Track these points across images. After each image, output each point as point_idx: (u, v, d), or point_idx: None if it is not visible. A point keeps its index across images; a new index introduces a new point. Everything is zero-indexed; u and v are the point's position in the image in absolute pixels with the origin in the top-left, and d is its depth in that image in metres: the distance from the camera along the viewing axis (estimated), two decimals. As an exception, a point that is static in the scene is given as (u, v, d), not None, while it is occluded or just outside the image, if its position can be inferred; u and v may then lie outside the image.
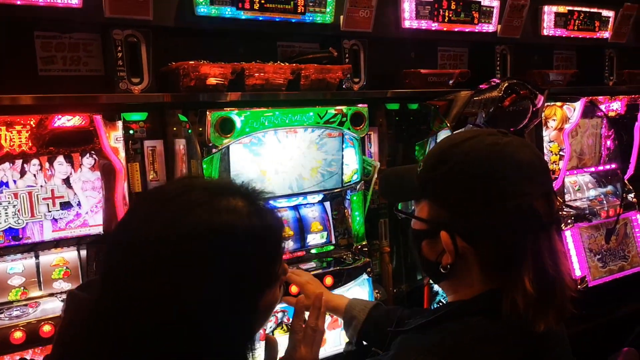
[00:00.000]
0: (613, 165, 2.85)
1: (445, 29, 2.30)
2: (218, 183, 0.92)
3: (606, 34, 2.87)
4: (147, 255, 0.75)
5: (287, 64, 1.85)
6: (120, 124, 1.58)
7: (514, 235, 0.91)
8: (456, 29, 2.33)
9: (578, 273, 2.49)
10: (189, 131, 1.68)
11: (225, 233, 0.77)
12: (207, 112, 1.63)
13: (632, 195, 2.79)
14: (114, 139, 1.56)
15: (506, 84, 2.05)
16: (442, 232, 0.94)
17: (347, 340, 1.46)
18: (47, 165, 1.53)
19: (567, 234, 2.49)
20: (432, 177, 0.97)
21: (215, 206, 0.79)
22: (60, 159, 1.54)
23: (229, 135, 1.67)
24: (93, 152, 1.56)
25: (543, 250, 0.91)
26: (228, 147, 1.69)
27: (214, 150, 1.67)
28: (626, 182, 2.79)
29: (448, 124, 2.05)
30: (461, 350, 0.90)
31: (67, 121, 1.47)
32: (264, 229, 0.83)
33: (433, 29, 2.27)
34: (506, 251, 0.91)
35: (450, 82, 2.31)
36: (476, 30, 2.39)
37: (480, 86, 2.09)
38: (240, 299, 0.79)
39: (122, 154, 1.58)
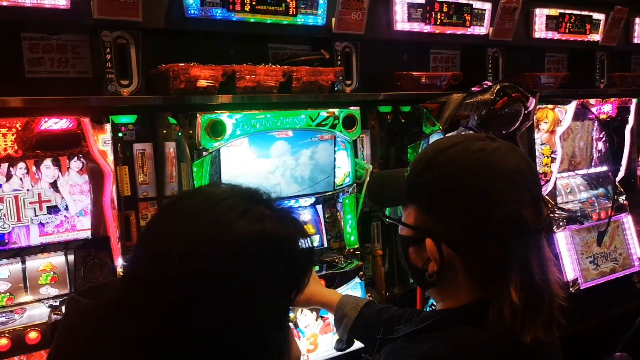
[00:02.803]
0: (604, 168, 2.87)
1: (437, 31, 2.30)
2: (249, 190, 0.88)
3: (597, 37, 2.88)
4: (188, 275, 0.71)
5: (279, 66, 1.83)
6: (108, 126, 1.56)
7: (501, 244, 0.89)
8: (448, 32, 2.33)
9: (570, 276, 2.49)
10: (179, 134, 1.66)
11: (265, 240, 0.75)
12: (198, 115, 1.61)
13: (623, 197, 2.80)
14: (102, 142, 1.53)
15: (498, 87, 2.04)
16: (427, 240, 0.92)
17: (338, 337, 1.44)
18: (33, 168, 1.50)
19: (559, 236, 2.49)
20: (418, 183, 0.95)
21: (252, 215, 0.76)
22: (48, 162, 1.51)
23: (219, 138, 1.65)
24: (81, 155, 1.54)
25: (531, 259, 0.89)
26: (219, 150, 1.68)
27: (204, 154, 1.65)
28: (617, 184, 2.80)
29: (440, 127, 2.04)
30: (450, 359, 0.89)
31: (54, 124, 1.45)
32: (296, 240, 0.80)
33: (425, 31, 2.27)
34: (493, 260, 0.89)
35: (443, 84, 2.31)
36: (468, 33, 2.39)
37: (473, 89, 2.09)
38: (285, 307, 0.79)
39: (111, 157, 1.56)
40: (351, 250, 2.00)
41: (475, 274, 0.92)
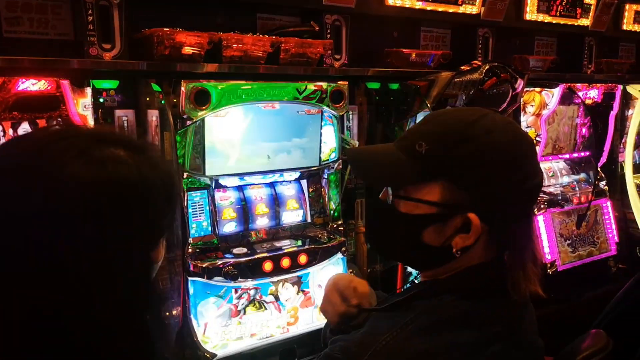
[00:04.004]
0: (587, 153, 2.90)
1: (428, 8, 2.27)
2: (98, 130, 0.83)
3: (587, 22, 2.88)
4: (18, 216, 0.66)
5: (267, 36, 1.79)
6: (89, 90, 1.51)
7: (527, 212, 0.96)
8: (440, 9, 2.30)
9: (548, 257, 2.53)
10: (162, 102, 1.62)
11: (108, 186, 0.70)
12: (182, 83, 1.57)
13: (603, 182, 2.84)
14: (82, 106, 1.49)
15: (487, 67, 2.03)
16: (471, 215, 0.90)
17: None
18: (10, 131, 1.44)
19: (540, 218, 2.53)
20: (452, 157, 0.90)
21: (96, 156, 0.71)
22: (25, 125, 1.46)
23: (204, 108, 1.61)
24: (60, 119, 1.49)
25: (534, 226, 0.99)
26: (203, 120, 1.64)
27: (188, 123, 1.62)
28: (599, 169, 2.84)
29: (428, 105, 2.03)
30: (432, 328, 0.89)
31: (32, 85, 1.40)
32: (154, 181, 0.76)
33: (417, 7, 2.24)
34: (517, 227, 0.95)
35: (432, 63, 2.29)
36: (460, 12, 2.36)
37: (462, 67, 2.07)
38: (128, 257, 0.73)
39: (91, 122, 1.51)
40: (334, 226, 2.00)
41: (494, 243, 0.95)
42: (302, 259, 1.82)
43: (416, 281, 1.10)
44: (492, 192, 0.90)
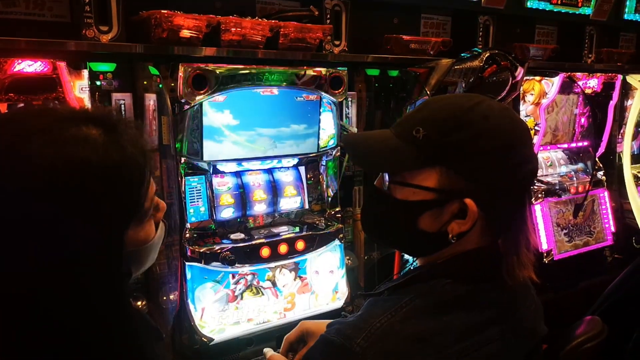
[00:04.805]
0: (585, 143, 2.89)
1: (429, -6, 2.25)
2: (72, 109, 0.81)
3: (588, 11, 2.86)
4: None
5: (266, 20, 1.77)
6: (86, 72, 1.49)
7: (522, 196, 0.95)
8: (440, -5, 2.28)
9: (545, 246, 2.54)
10: (160, 86, 1.61)
11: (69, 168, 0.68)
12: (180, 67, 1.56)
13: (601, 172, 2.84)
14: (79, 88, 1.47)
15: (487, 54, 2.02)
16: (467, 200, 0.90)
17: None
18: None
19: (537, 208, 2.53)
20: (450, 143, 0.91)
21: (61, 135, 0.69)
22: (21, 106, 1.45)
23: (202, 92, 1.60)
24: (57, 101, 1.48)
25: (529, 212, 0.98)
26: (201, 105, 1.63)
27: (185, 107, 1.61)
28: (597, 160, 2.84)
29: (428, 92, 2.02)
30: (427, 310, 0.90)
31: (28, 66, 1.38)
32: (122, 162, 0.74)
33: (417, -7, 2.22)
34: (512, 212, 0.95)
35: (432, 50, 2.27)
36: (461, -2, 2.34)
37: (462, 55, 2.06)
38: (96, 238, 0.72)
39: (88, 105, 1.50)
40: (332, 213, 2.00)
41: (489, 229, 0.95)
42: (300, 245, 1.82)
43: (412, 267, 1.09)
44: (488, 177, 0.91)
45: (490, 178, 0.91)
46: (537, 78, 2.53)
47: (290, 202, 1.97)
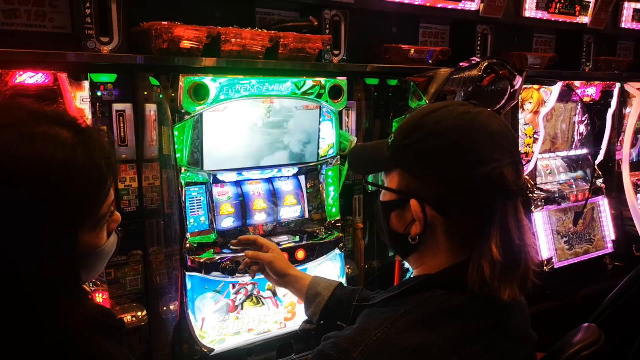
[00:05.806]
0: (584, 151, 2.90)
1: (427, 4, 2.26)
2: (45, 109, 0.84)
3: (585, 19, 2.88)
4: None
5: (266, 30, 1.79)
6: (87, 84, 1.50)
7: (482, 202, 0.91)
8: (439, 5, 2.30)
9: (545, 254, 2.54)
10: (160, 96, 1.61)
11: (34, 162, 0.72)
12: (180, 77, 1.57)
13: (600, 180, 2.84)
14: (80, 99, 1.48)
15: (486, 63, 2.03)
16: (411, 200, 0.93)
17: (307, 318, 1.44)
18: (7, 124, 1.44)
19: (537, 215, 2.53)
20: (404, 146, 0.96)
21: (28, 131, 0.73)
22: (22, 118, 1.45)
23: (202, 102, 1.61)
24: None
25: (510, 219, 0.92)
26: (201, 115, 1.64)
27: (186, 117, 1.62)
28: (596, 167, 2.84)
29: (427, 101, 2.03)
30: (423, 322, 0.90)
31: (29, 78, 1.39)
32: (86, 165, 0.77)
33: (416, 3, 2.23)
34: (474, 219, 0.92)
35: (431, 59, 2.28)
36: (459, 8, 2.36)
37: (461, 64, 2.07)
38: (49, 239, 0.74)
39: (89, 116, 1.51)
40: (332, 221, 2.00)
41: (456, 235, 0.94)
42: (300, 254, 1.82)
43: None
44: (439, 178, 0.92)
45: (441, 178, 0.92)
46: (536, 86, 2.54)
47: (290, 211, 1.97)
